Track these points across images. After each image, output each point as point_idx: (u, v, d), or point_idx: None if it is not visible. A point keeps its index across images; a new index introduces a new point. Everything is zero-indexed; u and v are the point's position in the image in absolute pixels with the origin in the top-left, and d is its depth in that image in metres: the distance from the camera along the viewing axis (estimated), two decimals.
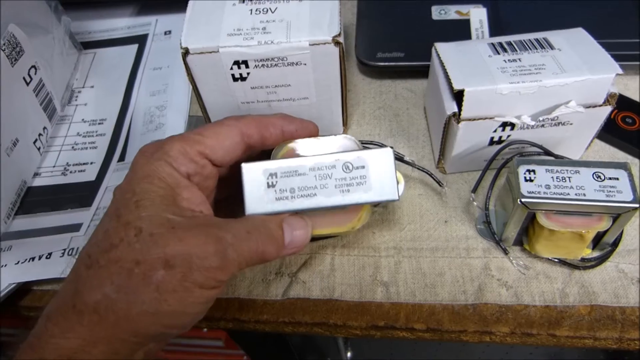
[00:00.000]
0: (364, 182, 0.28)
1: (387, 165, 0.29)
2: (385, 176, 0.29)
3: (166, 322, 0.24)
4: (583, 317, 0.33)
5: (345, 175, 0.28)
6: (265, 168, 0.28)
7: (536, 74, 0.33)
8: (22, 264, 0.35)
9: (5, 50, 0.36)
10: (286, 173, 0.28)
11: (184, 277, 0.23)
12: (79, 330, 0.23)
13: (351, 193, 0.28)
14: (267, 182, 0.28)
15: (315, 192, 0.28)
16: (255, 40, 0.34)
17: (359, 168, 0.28)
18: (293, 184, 0.28)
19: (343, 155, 0.29)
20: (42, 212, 0.39)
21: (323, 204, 0.28)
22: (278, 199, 0.28)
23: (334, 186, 0.28)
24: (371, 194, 0.28)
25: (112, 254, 0.23)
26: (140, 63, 0.49)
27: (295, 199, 0.28)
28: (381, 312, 0.34)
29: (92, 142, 0.43)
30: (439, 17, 0.46)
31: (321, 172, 0.28)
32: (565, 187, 0.31)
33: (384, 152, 0.29)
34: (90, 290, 0.23)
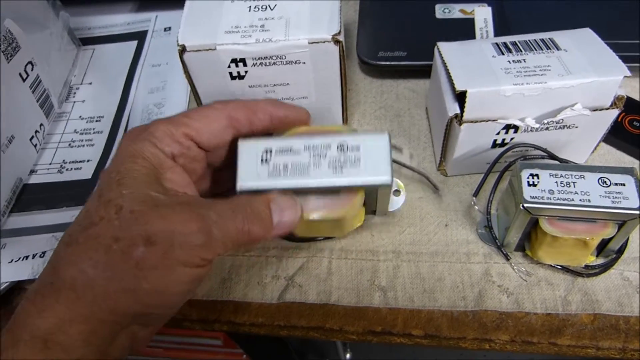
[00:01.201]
0: (357, 163, 0.28)
1: (382, 149, 0.28)
2: (379, 160, 0.28)
3: (147, 301, 0.23)
4: (586, 325, 0.32)
5: (339, 155, 0.28)
6: (260, 144, 0.29)
7: (541, 75, 0.32)
8: (16, 263, 0.35)
9: (1, 45, 0.36)
10: (281, 150, 0.29)
11: (165, 254, 0.23)
12: (55, 308, 0.22)
13: (344, 173, 0.28)
14: (261, 157, 0.28)
15: (309, 170, 0.28)
16: (254, 38, 0.33)
17: (353, 150, 0.28)
18: (287, 160, 0.28)
19: (339, 137, 0.29)
20: (37, 210, 0.38)
21: (315, 182, 0.28)
22: (270, 174, 0.28)
23: (327, 165, 0.28)
24: (364, 176, 0.28)
25: (91, 231, 0.23)
26: (139, 60, 0.48)
27: (287, 175, 0.28)
28: (378, 318, 0.33)
29: (89, 140, 0.43)
30: (443, 15, 0.45)
31: (316, 151, 0.28)
32: (570, 193, 0.30)
33: (380, 137, 0.29)
34: (67, 266, 0.23)
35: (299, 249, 0.36)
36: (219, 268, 0.35)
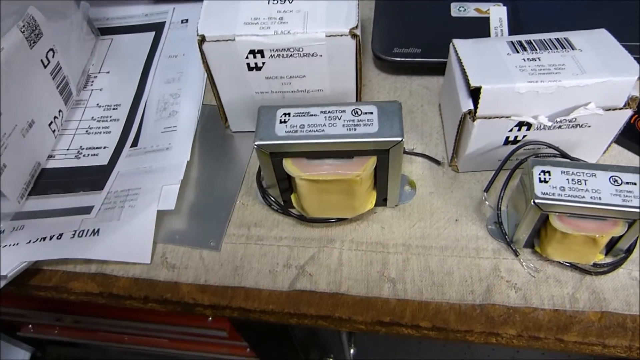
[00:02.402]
0: (370, 123, 0.31)
1: (393, 113, 0.31)
2: (391, 121, 0.31)
3: None
4: (593, 323, 0.32)
5: (353, 117, 0.31)
6: (280, 109, 0.32)
7: (555, 74, 0.32)
8: (34, 244, 0.35)
9: (25, 32, 0.37)
10: (299, 113, 0.31)
11: None
12: None
13: (357, 131, 0.30)
14: (279, 118, 0.31)
15: (324, 129, 0.30)
16: (272, 30, 0.34)
17: (367, 113, 0.31)
18: (303, 121, 0.31)
19: (354, 104, 0.32)
20: (54, 193, 0.39)
21: (328, 138, 0.30)
22: (287, 132, 0.31)
23: (342, 125, 0.31)
24: (376, 133, 0.30)
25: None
26: (156, 50, 0.49)
27: (303, 132, 0.30)
28: (387, 309, 0.33)
29: (106, 127, 0.43)
30: (458, 14, 0.45)
31: (331, 114, 0.31)
32: (581, 190, 0.30)
33: (391, 103, 0.31)
34: None
35: (310, 239, 0.36)
36: (232, 256, 0.36)
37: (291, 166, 0.32)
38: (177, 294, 0.35)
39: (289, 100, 0.38)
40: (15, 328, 0.87)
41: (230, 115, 0.41)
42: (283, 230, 0.37)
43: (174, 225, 0.37)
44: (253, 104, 0.38)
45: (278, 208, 0.37)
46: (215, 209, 0.38)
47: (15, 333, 0.88)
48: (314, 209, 0.35)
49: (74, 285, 0.35)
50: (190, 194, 0.39)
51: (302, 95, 0.38)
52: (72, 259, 0.36)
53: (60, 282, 0.35)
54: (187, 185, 0.39)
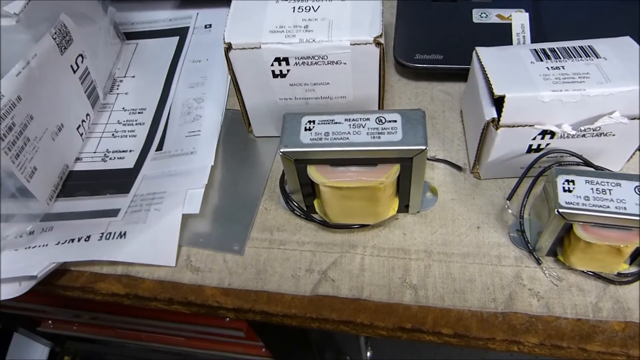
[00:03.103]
0: (394, 132, 0.31)
1: (417, 122, 0.31)
2: (414, 130, 0.31)
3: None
4: (616, 333, 0.32)
5: (377, 125, 0.31)
6: (305, 116, 0.32)
7: (580, 83, 0.32)
8: (62, 245, 0.36)
9: (56, 39, 0.38)
10: (323, 121, 0.32)
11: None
12: None
13: (381, 139, 0.31)
14: (304, 126, 0.32)
15: (348, 137, 0.31)
16: (297, 38, 0.34)
17: (391, 121, 0.31)
18: (328, 129, 0.31)
19: (378, 112, 0.32)
20: (82, 195, 0.40)
21: (353, 146, 0.31)
22: (312, 139, 0.31)
23: (366, 133, 0.31)
24: (400, 141, 0.31)
25: None
26: (180, 55, 0.50)
27: (328, 140, 0.31)
28: (409, 315, 0.34)
29: (131, 131, 0.44)
30: (480, 20, 0.45)
31: (356, 122, 0.32)
32: (605, 200, 0.30)
33: (415, 111, 0.32)
34: None
35: (332, 244, 0.36)
36: (255, 260, 0.36)
37: (315, 173, 0.32)
38: (201, 297, 0.35)
39: (313, 106, 0.38)
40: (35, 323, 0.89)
41: (253, 121, 0.41)
42: (305, 235, 0.37)
43: (198, 229, 0.38)
44: (277, 110, 0.39)
45: (301, 213, 0.37)
46: (238, 213, 0.39)
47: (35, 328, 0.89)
48: (336, 215, 0.35)
49: (101, 286, 0.36)
50: (214, 197, 0.40)
51: (325, 102, 0.38)
52: (101, 261, 0.36)
53: (87, 283, 0.36)
54: (211, 189, 0.40)
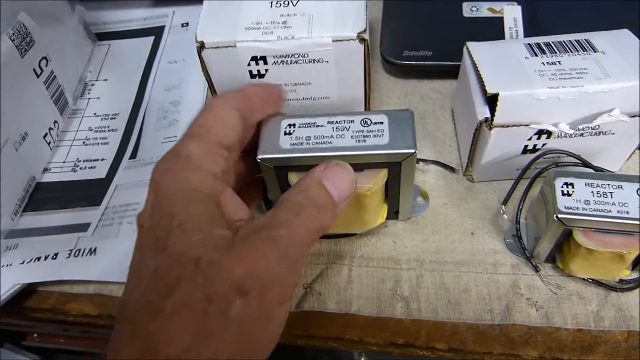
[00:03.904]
0: (381, 134, 0.28)
1: (405, 122, 0.28)
2: (403, 132, 0.28)
3: (258, 357, 0.21)
4: (619, 343, 0.30)
5: (362, 128, 0.28)
6: (285, 119, 0.29)
7: (577, 79, 0.31)
8: (28, 264, 0.34)
9: (15, 40, 0.35)
10: (304, 124, 0.29)
11: (262, 300, 0.20)
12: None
13: (367, 143, 0.28)
14: (284, 130, 0.29)
15: (331, 141, 0.28)
16: (275, 35, 0.32)
17: (377, 123, 0.29)
18: (310, 133, 0.28)
19: (362, 114, 0.29)
20: (50, 209, 0.38)
21: (336, 150, 0.28)
22: (293, 144, 0.28)
23: (351, 137, 0.28)
24: (387, 146, 0.28)
25: (177, 296, 0.19)
26: (155, 56, 0.47)
27: (310, 145, 0.28)
28: (401, 329, 0.31)
29: (103, 138, 0.42)
30: (471, 14, 0.43)
31: (339, 124, 0.29)
32: (607, 204, 0.28)
33: (403, 112, 0.29)
34: (166, 345, 0.19)
35: (317, 255, 0.34)
36: None
37: (297, 180, 0.30)
38: None
39: (294, 108, 0.36)
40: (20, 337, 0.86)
41: None
42: None
43: None
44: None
45: None
46: None
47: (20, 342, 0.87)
48: None
49: (71, 307, 0.34)
50: None
51: (308, 103, 0.36)
52: (69, 281, 0.34)
53: (57, 304, 0.34)
54: None
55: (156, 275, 0.20)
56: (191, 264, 0.20)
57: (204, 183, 0.23)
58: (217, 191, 0.23)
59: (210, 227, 0.21)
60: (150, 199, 0.23)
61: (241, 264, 0.20)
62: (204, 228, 0.21)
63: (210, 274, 0.20)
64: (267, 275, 0.21)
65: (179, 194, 0.22)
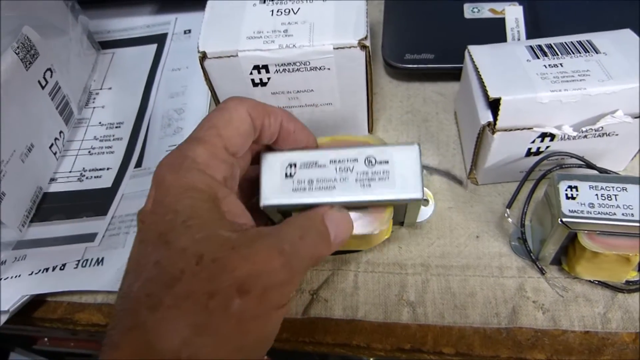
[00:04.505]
0: (386, 177, 0.27)
1: (412, 162, 0.27)
2: (410, 173, 0.27)
3: (254, 356, 0.22)
4: (627, 345, 0.30)
5: (367, 169, 0.27)
6: (284, 157, 0.27)
7: (580, 81, 0.30)
8: (36, 275, 0.34)
9: (19, 53, 0.35)
10: (306, 164, 0.27)
11: (260, 300, 0.21)
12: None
13: (372, 188, 0.27)
14: (285, 172, 0.27)
15: (335, 185, 0.27)
16: (277, 44, 0.32)
17: (382, 163, 0.27)
18: (312, 175, 0.27)
19: (367, 149, 0.27)
20: (57, 219, 0.38)
21: (342, 197, 0.27)
22: (295, 189, 0.27)
23: (355, 180, 0.27)
24: (394, 192, 0.27)
25: (178, 289, 0.20)
26: (159, 64, 0.47)
27: (313, 190, 0.27)
28: (407, 334, 0.32)
29: (109, 147, 0.42)
30: (472, 15, 0.43)
31: (342, 164, 0.27)
32: (611, 206, 0.28)
33: (410, 148, 0.27)
34: (165, 337, 0.19)
35: (323, 261, 0.34)
36: None
37: None
38: None
39: (297, 115, 0.36)
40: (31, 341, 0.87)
41: None
42: None
43: None
44: None
45: None
46: None
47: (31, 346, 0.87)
48: None
49: (80, 317, 0.34)
50: None
51: (310, 110, 0.36)
52: (76, 291, 0.34)
53: (66, 314, 0.34)
54: None
55: (158, 269, 0.21)
56: (194, 259, 0.20)
57: (208, 186, 0.23)
58: (220, 196, 0.23)
59: (214, 227, 0.22)
60: (152, 195, 0.23)
61: (245, 264, 0.21)
62: (208, 227, 0.22)
63: (213, 271, 0.20)
64: (269, 279, 0.21)
65: (183, 193, 0.22)
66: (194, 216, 0.22)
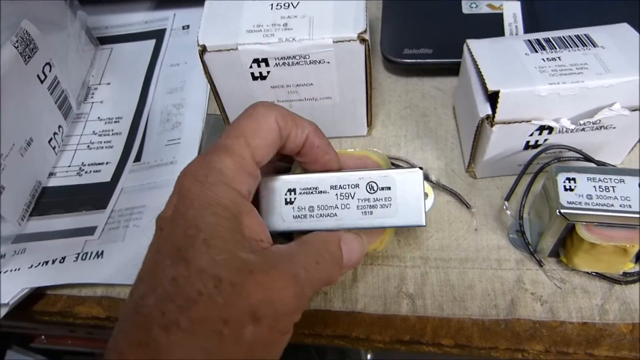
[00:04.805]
0: (388, 204, 0.27)
1: (415, 188, 0.27)
2: (412, 200, 0.27)
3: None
4: (624, 336, 0.30)
5: (369, 196, 0.27)
6: (284, 183, 0.27)
7: (578, 74, 0.31)
8: (36, 268, 0.34)
9: (19, 47, 0.35)
10: (306, 190, 0.27)
11: (271, 329, 0.21)
12: None
13: (374, 215, 0.26)
14: (285, 198, 0.27)
15: (336, 212, 0.27)
16: (276, 37, 0.32)
17: (384, 189, 0.27)
18: (313, 202, 0.27)
19: (368, 174, 0.27)
20: (56, 213, 0.38)
21: (343, 225, 0.27)
22: (296, 217, 0.27)
23: (356, 207, 0.27)
24: (396, 218, 0.27)
25: (194, 313, 0.20)
26: (157, 59, 0.47)
27: (314, 218, 0.27)
28: (406, 326, 0.32)
29: (107, 142, 0.42)
30: (470, 10, 0.43)
31: (343, 190, 0.27)
32: (609, 198, 0.29)
33: (413, 174, 0.27)
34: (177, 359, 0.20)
35: None
36: None
37: None
38: None
39: (297, 109, 0.36)
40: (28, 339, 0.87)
41: None
42: None
43: None
44: None
45: None
46: None
47: (28, 344, 0.87)
48: None
49: (80, 310, 0.34)
50: None
51: (310, 104, 0.36)
52: (75, 284, 0.34)
53: (66, 307, 0.34)
54: None
55: (175, 287, 0.20)
56: (212, 282, 0.20)
57: (233, 202, 0.23)
58: (243, 211, 0.23)
59: (234, 249, 0.22)
60: (174, 202, 0.23)
61: (260, 291, 0.21)
62: (228, 249, 0.22)
63: (230, 296, 0.20)
64: (281, 307, 0.21)
65: (207, 208, 0.22)
66: (216, 236, 0.22)
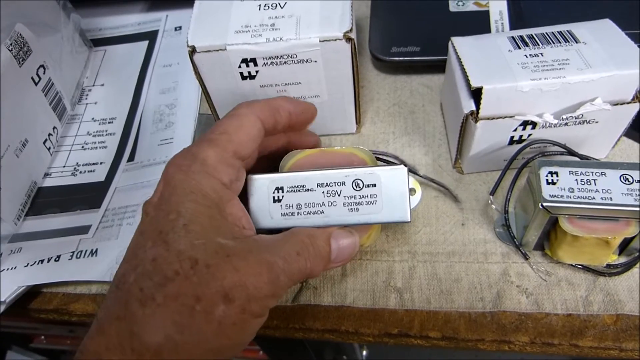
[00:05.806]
0: (374, 201, 0.27)
1: (400, 185, 0.28)
2: (397, 196, 0.27)
3: (226, 356, 0.23)
4: (608, 327, 0.31)
5: (355, 193, 0.27)
6: (271, 181, 0.28)
7: (559, 70, 0.31)
8: (32, 267, 0.35)
9: (13, 50, 0.36)
10: (293, 188, 0.28)
11: (242, 310, 0.22)
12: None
13: (360, 212, 0.27)
14: (273, 196, 0.28)
15: (323, 210, 0.27)
16: (264, 37, 0.33)
17: (369, 186, 0.27)
18: (300, 199, 0.28)
19: (354, 171, 0.28)
20: (51, 213, 0.39)
21: (330, 222, 0.27)
22: (284, 214, 0.28)
23: (343, 204, 0.27)
24: (381, 215, 0.27)
25: (169, 290, 0.22)
26: (150, 60, 0.48)
27: (301, 215, 0.27)
28: (395, 319, 0.32)
29: (101, 142, 0.43)
30: (457, 8, 0.44)
31: (330, 188, 0.28)
32: (591, 191, 0.29)
33: (398, 171, 0.28)
34: (151, 331, 0.21)
35: None
36: None
37: None
38: None
39: None
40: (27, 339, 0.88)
41: None
42: None
43: None
44: None
45: None
46: None
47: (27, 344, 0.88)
48: None
49: (75, 307, 0.35)
50: None
51: None
52: (71, 282, 0.35)
53: (61, 305, 0.35)
54: None
55: (154, 266, 0.22)
56: (189, 263, 0.22)
57: (214, 190, 0.24)
58: (225, 199, 0.25)
59: (212, 234, 0.23)
60: (160, 189, 0.25)
61: (235, 274, 0.22)
62: (207, 234, 0.23)
63: (204, 276, 0.22)
64: (254, 291, 0.23)
65: (189, 195, 0.24)
66: (195, 221, 0.23)
